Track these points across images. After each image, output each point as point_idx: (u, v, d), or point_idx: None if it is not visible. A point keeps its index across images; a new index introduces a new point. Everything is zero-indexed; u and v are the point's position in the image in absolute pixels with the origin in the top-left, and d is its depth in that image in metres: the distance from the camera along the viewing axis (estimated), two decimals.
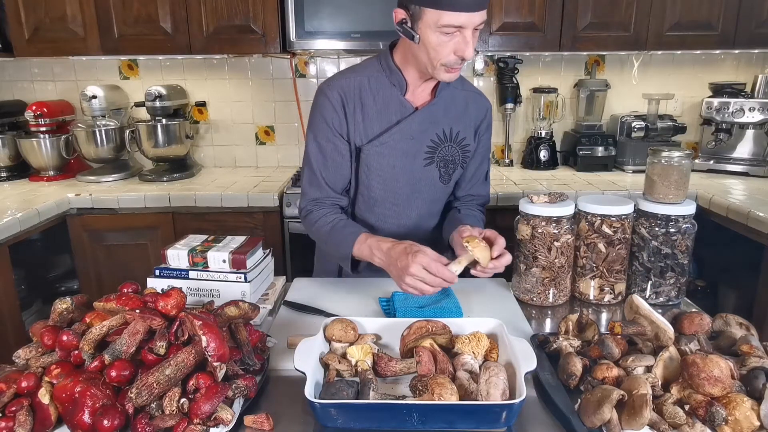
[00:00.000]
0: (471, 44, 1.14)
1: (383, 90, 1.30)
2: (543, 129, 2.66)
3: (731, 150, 2.51)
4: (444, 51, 1.16)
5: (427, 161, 1.35)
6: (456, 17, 1.11)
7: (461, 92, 1.37)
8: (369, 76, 1.30)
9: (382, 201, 1.36)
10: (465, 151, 1.38)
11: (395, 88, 1.30)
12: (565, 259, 1.22)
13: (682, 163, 1.21)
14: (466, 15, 1.11)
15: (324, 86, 1.31)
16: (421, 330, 0.92)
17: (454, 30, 1.13)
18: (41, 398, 0.78)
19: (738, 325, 0.98)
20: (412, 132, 1.31)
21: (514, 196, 2.16)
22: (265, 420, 0.80)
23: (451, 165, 1.38)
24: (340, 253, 1.27)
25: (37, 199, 2.13)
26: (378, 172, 1.32)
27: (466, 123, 1.37)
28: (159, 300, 0.86)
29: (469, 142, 1.38)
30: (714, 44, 2.36)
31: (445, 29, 1.13)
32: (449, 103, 1.34)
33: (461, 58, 1.17)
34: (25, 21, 2.30)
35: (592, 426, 0.76)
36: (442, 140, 1.34)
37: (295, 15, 2.21)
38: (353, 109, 1.29)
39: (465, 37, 1.14)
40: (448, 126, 1.34)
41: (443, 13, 1.11)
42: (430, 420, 0.77)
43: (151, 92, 2.43)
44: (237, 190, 2.27)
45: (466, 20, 1.11)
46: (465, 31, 1.13)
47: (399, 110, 1.30)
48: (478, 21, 1.13)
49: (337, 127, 1.30)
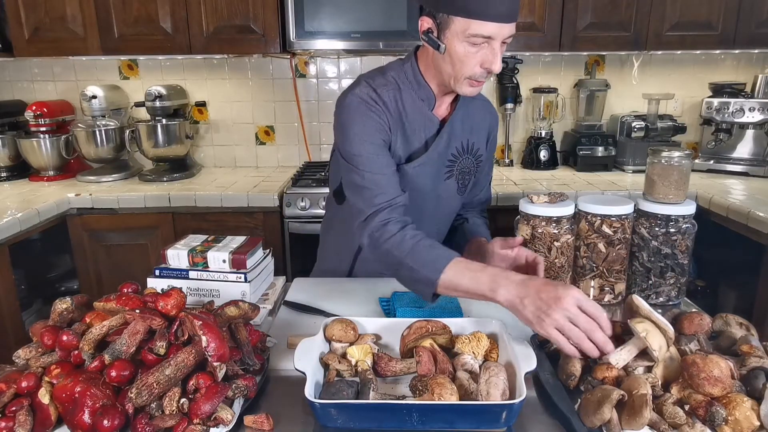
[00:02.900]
0: (499, 56, 1.11)
1: (413, 105, 1.24)
2: (543, 129, 2.66)
3: (731, 150, 2.51)
4: (470, 62, 1.12)
5: (448, 175, 1.32)
6: (486, 27, 1.07)
7: (472, 101, 1.33)
8: (402, 90, 1.23)
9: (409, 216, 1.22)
10: (478, 161, 1.37)
11: (423, 103, 1.24)
12: (565, 259, 1.22)
13: (682, 163, 1.21)
14: (496, 26, 1.07)
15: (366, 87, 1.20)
16: (421, 330, 0.92)
17: (483, 41, 1.09)
18: (41, 398, 0.78)
19: (738, 325, 0.98)
20: (441, 149, 1.28)
21: (514, 196, 2.16)
22: (265, 420, 0.80)
23: (467, 177, 1.36)
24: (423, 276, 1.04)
25: (37, 199, 2.13)
26: (412, 192, 1.26)
27: (479, 133, 1.35)
28: (159, 300, 0.86)
29: (482, 152, 1.37)
30: (714, 44, 2.36)
31: (473, 39, 1.09)
32: (465, 115, 1.32)
33: (488, 71, 1.13)
34: (25, 21, 2.30)
35: (592, 426, 0.76)
36: (461, 153, 1.32)
37: (295, 15, 2.21)
38: (394, 125, 1.22)
39: (493, 49, 1.10)
40: (465, 138, 1.32)
41: (473, 22, 1.07)
42: (430, 420, 0.77)
43: (151, 92, 2.43)
44: (237, 190, 2.27)
45: (496, 31, 1.08)
46: (494, 42, 1.09)
47: (429, 127, 1.26)
48: (508, 33, 1.09)
49: (384, 136, 1.20)
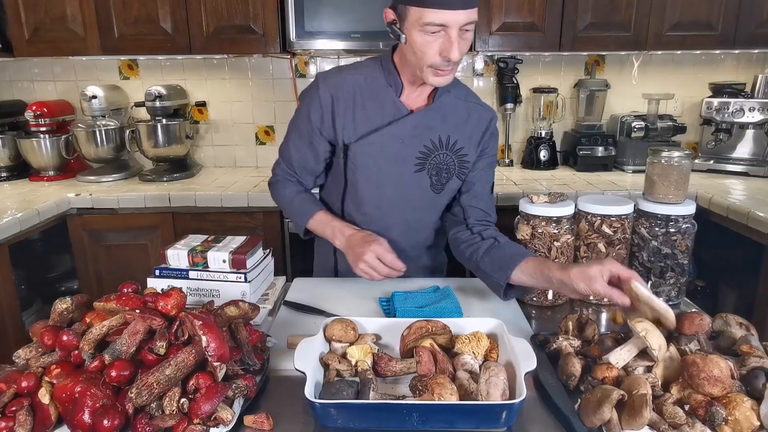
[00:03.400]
0: (456, 45, 1.11)
1: (379, 90, 1.28)
2: (543, 129, 2.66)
3: (731, 150, 2.51)
4: (429, 52, 1.13)
5: (418, 167, 1.31)
6: (439, 15, 1.08)
7: (464, 103, 1.33)
8: (367, 75, 1.28)
9: (369, 201, 1.35)
10: (462, 162, 1.33)
11: (391, 88, 1.27)
12: (565, 259, 1.22)
13: (682, 163, 1.21)
14: (449, 13, 1.08)
15: (319, 79, 1.30)
16: (421, 330, 0.92)
17: (438, 29, 1.10)
18: (41, 398, 0.78)
19: (738, 325, 0.98)
20: (403, 135, 1.28)
21: (514, 196, 2.16)
22: (265, 420, 0.80)
23: (444, 174, 1.33)
24: (297, 222, 1.40)
25: (37, 199, 2.13)
26: (364, 171, 1.31)
27: (465, 134, 1.32)
28: (159, 300, 0.86)
29: (467, 153, 1.33)
30: (714, 44, 2.36)
31: (428, 28, 1.10)
32: (449, 111, 1.31)
33: (447, 60, 1.13)
34: (25, 21, 2.30)
35: (592, 426, 0.76)
36: (437, 147, 1.30)
37: (295, 15, 2.21)
38: (344, 107, 1.27)
39: (450, 37, 1.10)
40: (445, 134, 1.30)
41: (425, 11, 1.08)
42: (430, 420, 0.77)
43: (151, 92, 2.43)
44: (237, 190, 2.26)
45: (449, 19, 1.08)
46: (450, 30, 1.10)
47: (392, 111, 1.28)
48: (464, 20, 1.09)
49: (317, 124, 1.30)
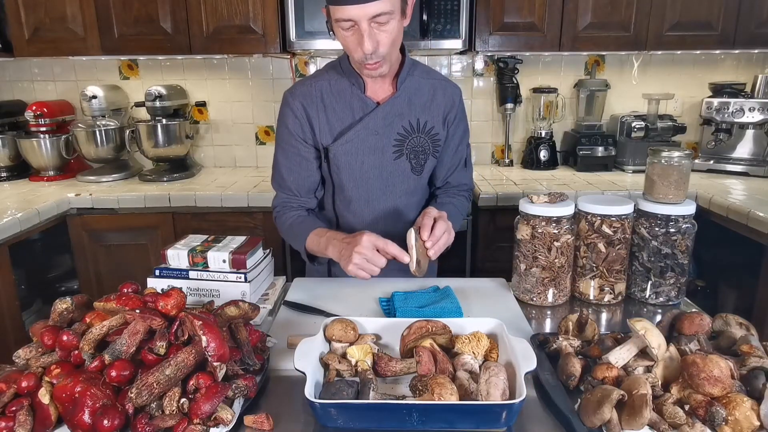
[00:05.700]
0: (369, 38, 1.13)
1: (344, 90, 1.32)
2: (543, 129, 2.66)
3: (731, 150, 2.51)
4: (350, 47, 1.18)
5: (397, 154, 1.35)
6: (344, 11, 1.11)
7: (427, 81, 1.36)
8: (329, 80, 1.33)
9: (357, 198, 1.38)
10: (435, 141, 1.38)
11: (354, 86, 1.31)
12: (565, 259, 1.22)
13: (682, 163, 1.21)
14: (354, 8, 1.10)
15: (287, 95, 1.34)
16: (421, 330, 0.92)
17: (350, 24, 1.13)
18: (41, 398, 0.78)
19: (738, 325, 0.98)
20: (377, 127, 1.31)
21: (514, 196, 2.16)
22: (265, 420, 0.80)
23: (422, 156, 1.37)
24: (297, 247, 1.37)
25: (37, 199, 2.13)
26: (347, 170, 1.34)
27: (433, 112, 1.36)
28: (159, 300, 0.86)
29: (437, 131, 1.37)
30: (714, 44, 2.36)
31: (341, 24, 1.14)
32: (413, 94, 1.34)
33: (365, 53, 1.16)
34: (25, 21, 2.30)
35: (592, 426, 0.76)
36: (410, 132, 1.34)
37: (295, 15, 2.21)
38: (316, 112, 1.31)
39: (361, 31, 1.13)
40: (414, 117, 1.34)
41: (334, 9, 1.13)
42: (430, 420, 0.77)
43: (151, 92, 2.43)
44: (237, 190, 2.26)
45: (355, 13, 1.10)
46: (360, 24, 1.12)
47: (361, 107, 1.32)
48: (372, 12, 1.11)
49: (299, 134, 1.33)
